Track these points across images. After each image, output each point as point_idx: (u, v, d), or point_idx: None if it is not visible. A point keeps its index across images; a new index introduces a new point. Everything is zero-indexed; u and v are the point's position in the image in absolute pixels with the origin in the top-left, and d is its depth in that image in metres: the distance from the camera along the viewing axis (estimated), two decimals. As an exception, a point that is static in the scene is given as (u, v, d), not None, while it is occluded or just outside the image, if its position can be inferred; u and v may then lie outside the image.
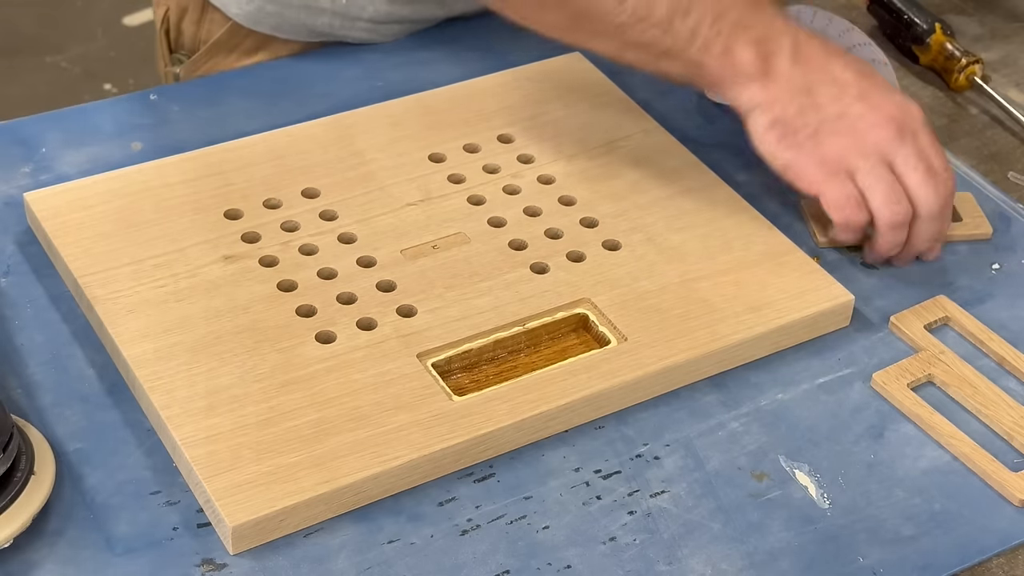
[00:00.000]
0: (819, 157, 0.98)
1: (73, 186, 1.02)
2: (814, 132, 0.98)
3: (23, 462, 0.83)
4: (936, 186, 0.98)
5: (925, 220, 0.99)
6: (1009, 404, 0.94)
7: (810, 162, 0.99)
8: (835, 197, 0.99)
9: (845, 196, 0.98)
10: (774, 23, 1.00)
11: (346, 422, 0.87)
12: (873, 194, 0.98)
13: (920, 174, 0.98)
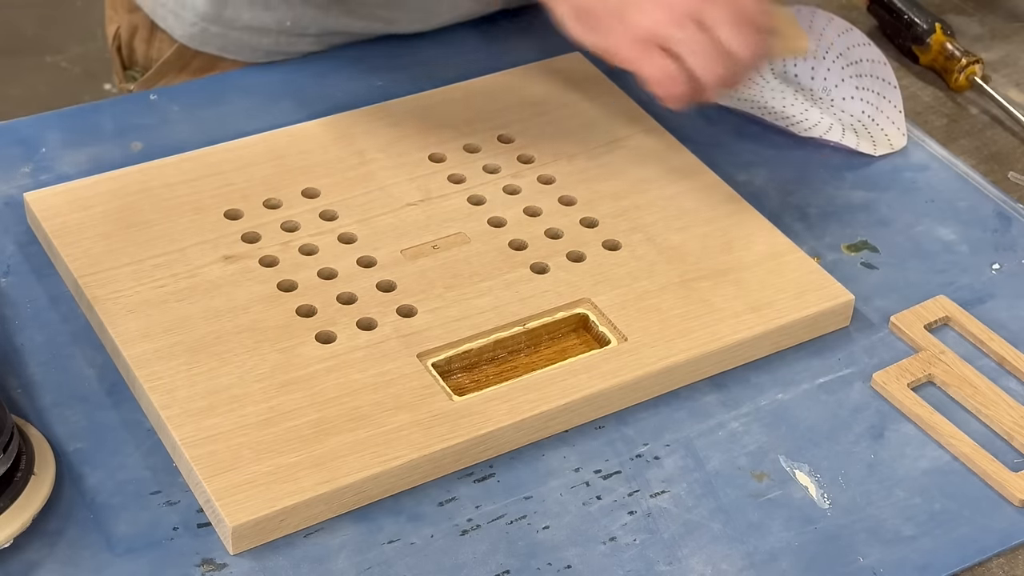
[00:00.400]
0: (629, 35, 0.96)
1: (73, 186, 1.02)
2: (617, 10, 0.96)
3: (23, 462, 0.83)
4: (748, 36, 0.96)
5: (743, 68, 0.97)
6: (1009, 404, 0.94)
7: (622, 42, 0.96)
8: (651, 73, 0.97)
9: (661, 70, 0.96)
10: None
11: (346, 422, 0.87)
12: (690, 61, 0.96)
13: (731, 26, 0.95)
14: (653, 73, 0.96)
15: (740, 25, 0.95)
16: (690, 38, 0.95)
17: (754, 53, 0.96)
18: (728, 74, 0.96)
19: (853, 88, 1.17)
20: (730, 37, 0.95)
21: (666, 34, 0.95)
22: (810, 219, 1.08)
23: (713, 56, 0.95)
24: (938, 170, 1.14)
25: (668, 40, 0.95)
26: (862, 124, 1.16)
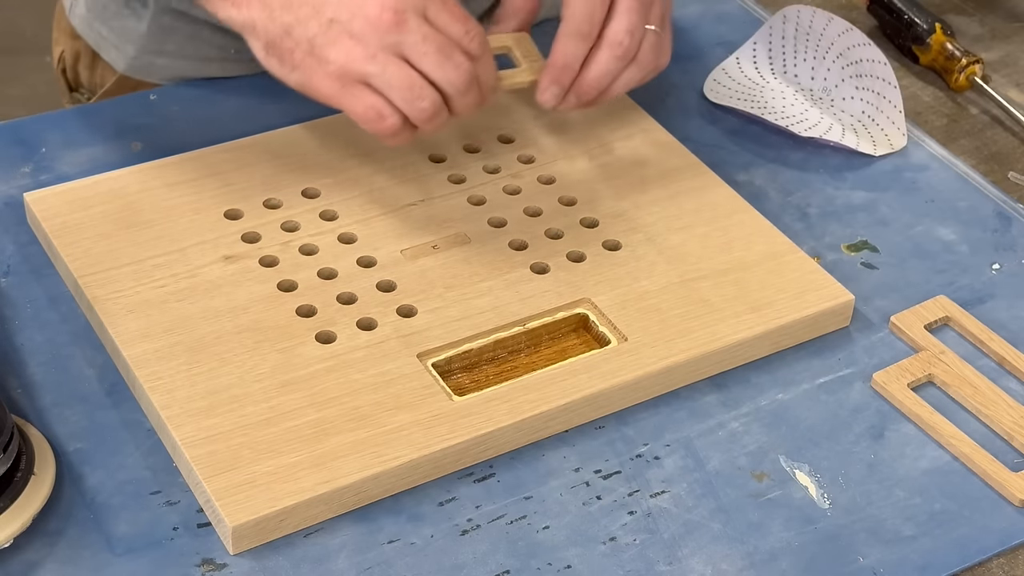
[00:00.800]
0: (325, 72, 0.90)
1: (73, 186, 1.02)
2: (309, 49, 0.90)
3: (23, 462, 0.83)
4: (455, 62, 0.91)
5: (457, 97, 0.92)
6: (1009, 404, 0.94)
7: (320, 80, 0.90)
8: (356, 112, 0.91)
9: (364, 108, 0.91)
10: None
11: (346, 422, 0.87)
12: (392, 97, 0.90)
13: (432, 57, 0.90)
14: (357, 110, 0.91)
15: (445, 56, 0.90)
16: (387, 72, 0.89)
17: (465, 82, 0.91)
18: (432, 107, 0.91)
19: (853, 88, 1.17)
20: (434, 69, 0.90)
21: (361, 70, 0.89)
22: (810, 219, 1.08)
23: (415, 90, 0.90)
24: (938, 170, 1.14)
25: (365, 77, 0.90)
26: (862, 124, 1.16)
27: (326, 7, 0.88)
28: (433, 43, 0.89)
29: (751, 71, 1.21)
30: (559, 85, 0.97)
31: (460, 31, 0.91)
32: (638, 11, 0.96)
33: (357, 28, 0.88)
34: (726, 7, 1.29)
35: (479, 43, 0.92)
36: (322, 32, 0.88)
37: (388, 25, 0.88)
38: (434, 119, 0.92)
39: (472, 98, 0.93)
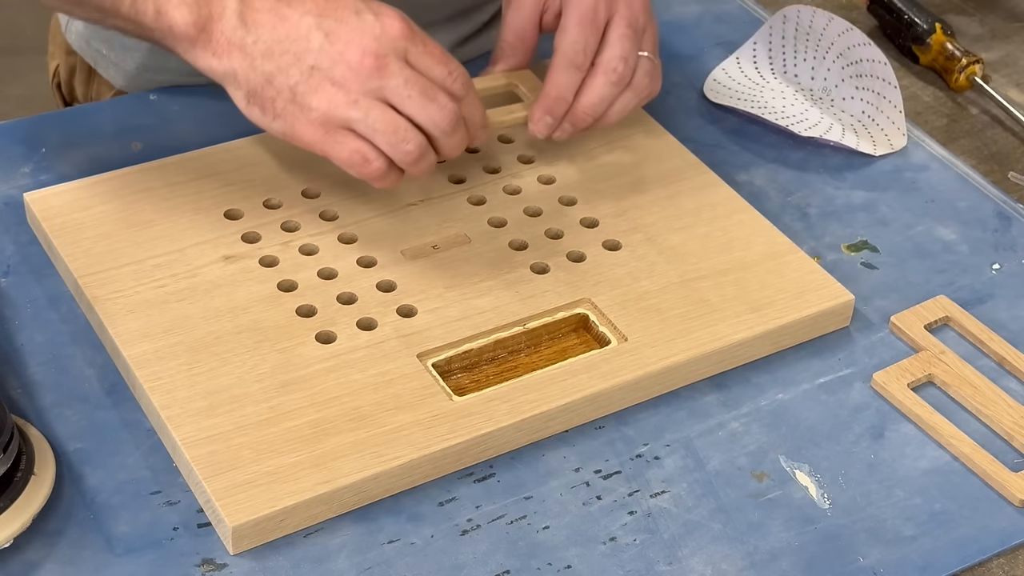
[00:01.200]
0: (308, 120, 0.89)
1: (73, 186, 1.02)
2: (291, 97, 0.89)
3: (23, 462, 0.83)
4: (439, 104, 0.90)
5: (443, 138, 0.92)
6: (1009, 404, 0.94)
7: (303, 128, 0.90)
8: (341, 158, 0.91)
9: (349, 153, 0.90)
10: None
11: (346, 422, 0.87)
12: (377, 141, 0.90)
13: (415, 100, 0.89)
14: (342, 156, 0.91)
15: (428, 98, 0.90)
16: (370, 117, 0.89)
17: (450, 123, 0.91)
18: (418, 149, 0.90)
19: (853, 88, 1.17)
20: (418, 111, 0.90)
21: (344, 116, 0.89)
22: (810, 219, 1.08)
23: (400, 133, 0.90)
24: (938, 170, 1.14)
25: (349, 122, 0.89)
26: (862, 124, 1.16)
27: (307, 55, 0.88)
28: (416, 86, 0.89)
29: (751, 71, 1.21)
30: (552, 115, 0.98)
31: (443, 72, 0.91)
32: (631, 39, 0.98)
33: (339, 74, 0.88)
34: (726, 7, 1.29)
35: (462, 83, 0.92)
36: (304, 80, 0.88)
37: (369, 70, 0.88)
38: (420, 161, 0.92)
39: (459, 138, 0.93)
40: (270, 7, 0.88)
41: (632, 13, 0.98)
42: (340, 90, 0.88)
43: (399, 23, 0.90)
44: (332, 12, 0.89)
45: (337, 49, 0.88)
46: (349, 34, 0.88)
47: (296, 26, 0.88)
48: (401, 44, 0.89)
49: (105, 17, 0.91)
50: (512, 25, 1.02)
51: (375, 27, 0.89)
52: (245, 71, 0.89)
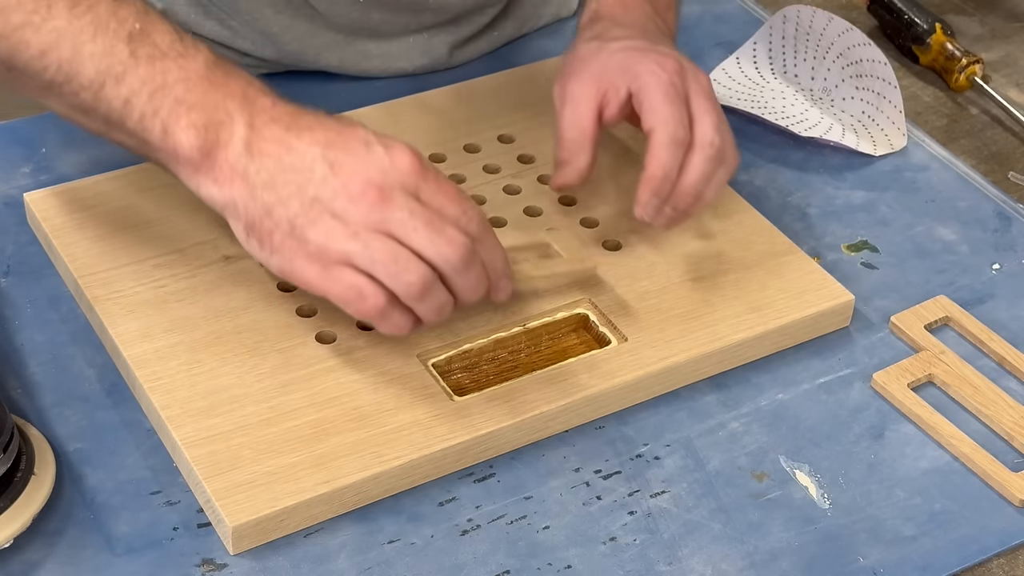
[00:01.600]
0: (306, 254, 0.83)
1: (73, 186, 1.02)
2: (289, 230, 0.83)
3: (23, 462, 0.83)
4: (447, 237, 0.83)
5: (455, 276, 0.85)
6: (1009, 404, 0.94)
7: (301, 263, 0.84)
8: (338, 294, 0.84)
9: (345, 288, 0.83)
10: (227, 104, 0.84)
11: (346, 422, 0.87)
12: (376, 272, 0.83)
13: (421, 232, 0.83)
14: (337, 292, 0.84)
15: (435, 230, 0.83)
16: (370, 248, 0.82)
17: (461, 257, 0.84)
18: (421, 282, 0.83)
19: (853, 88, 1.17)
20: (424, 244, 0.83)
21: (343, 249, 0.83)
22: (810, 219, 1.08)
23: (400, 263, 0.83)
24: (938, 170, 1.14)
25: (347, 255, 0.83)
26: (862, 124, 1.16)
27: (309, 185, 0.83)
28: (422, 217, 0.83)
29: (751, 71, 1.21)
30: (659, 196, 0.92)
31: (456, 211, 0.84)
32: (715, 111, 0.93)
33: (339, 207, 0.82)
34: (726, 7, 1.29)
35: (478, 224, 0.85)
36: (303, 211, 0.83)
37: (372, 202, 0.82)
38: (427, 296, 0.84)
39: (475, 278, 0.86)
40: (278, 137, 0.84)
41: (701, 86, 0.94)
42: (340, 223, 0.82)
43: (409, 158, 0.84)
44: (341, 143, 0.84)
45: (340, 180, 0.83)
46: (355, 165, 0.83)
47: (301, 156, 0.83)
48: (411, 179, 0.84)
49: (111, 130, 0.87)
50: (570, 121, 0.95)
51: (383, 160, 0.84)
52: (245, 201, 0.84)
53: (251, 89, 0.86)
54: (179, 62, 0.85)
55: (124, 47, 0.84)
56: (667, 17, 1.03)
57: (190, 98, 0.84)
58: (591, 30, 1.00)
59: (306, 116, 0.85)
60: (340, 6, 1.12)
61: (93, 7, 0.84)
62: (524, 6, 1.23)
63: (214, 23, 1.13)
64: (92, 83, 0.84)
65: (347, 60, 1.16)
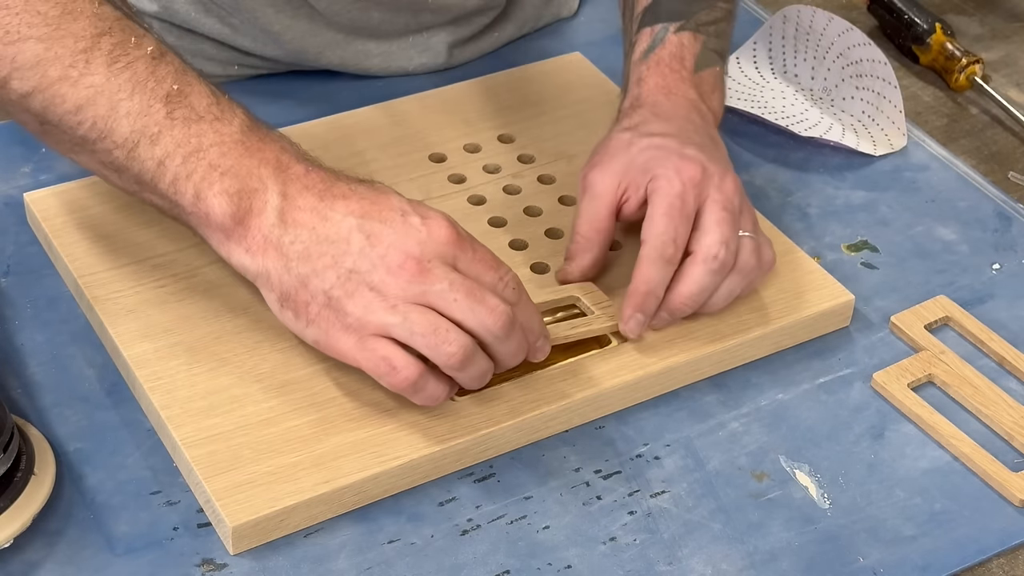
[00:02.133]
0: (343, 326, 0.83)
1: (73, 186, 1.02)
2: (326, 302, 0.83)
3: (23, 462, 0.83)
4: (489, 306, 0.83)
5: (497, 344, 0.85)
6: (1009, 404, 0.94)
7: (338, 334, 0.83)
8: (371, 366, 0.83)
9: (379, 361, 0.83)
10: (261, 171, 0.84)
11: (346, 422, 0.87)
12: (416, 344, 0.82)
13: (462, 302, 0.82)
14: (371, 364, 0.83)
15: (477, 300, 0.83)
16: (409, 320, 0.82)
17: (503, 326, 0.83)
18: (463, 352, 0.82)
19: (853, 88, 1.17)
20: (466, 314, 0.82)
21: (382, 321, 0.82)
22: (810, 219, 1.08)
23: (440, 333, 0.82)
24: (938, 170, 1.14)
25: (386, 328, 0.82)
26: (862, 124, 1.16)
27: (346, 257, 0.82)
28: (462, 288, 0.82)
29: (751, 71, 1.21)
30: (643, 313, 0.91)
31: (493, 278, 0.84)
32: (728, 222, 0.91)
33: (378, 279, 0.82)
34: (726, 7, 1.29)
35: (514, 289, 0.85)
36: (340, 283, 0.82)
37: (411, 274, 0.82)
38: (468, 366, 0.83)
39: (515, 344, 0.85)
40: (312, 206, 0.83)
41: (725, 196, 0.92)
42: (378, 296, 0.82)
43: (446, 229, 0.83)
44: (376, 214, 0.83)
45: (378, 252, 0.82)
46: (392, 237, 0.82)
47: (337, 227, 0.83)
48: (449, 250, 0.83)
49: (142, 190, 0.86)
50: (588, 215, 0.95)
51: (420, 231, 0.83)
52: (279, 272, 0.83)
53: (285, 155, 0.85)
54: (215, 125, 0.84)
55: (161, 107, 0.84)
56: (711, 101, 1.01)
57: (224, 163, 0.84)
58: (630, 119, 0.98)
59: (340, 184, 0.85)
60: (339, 5, 1.12)
61: (132, 64, 0.84)
62: (525, 7, 1.23)
63: (214, 20, 1.13)
64: (127, 142, 0.84)
65: (348, 59, 1.16)
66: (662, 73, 1.00)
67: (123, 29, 0.85)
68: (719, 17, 1.04)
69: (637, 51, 1.02)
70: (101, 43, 0.84)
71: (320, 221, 0.83)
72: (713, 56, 1.02)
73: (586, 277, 0.96)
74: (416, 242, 0.82)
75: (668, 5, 1.02)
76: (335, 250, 0.82)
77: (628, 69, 1.03)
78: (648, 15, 1.03)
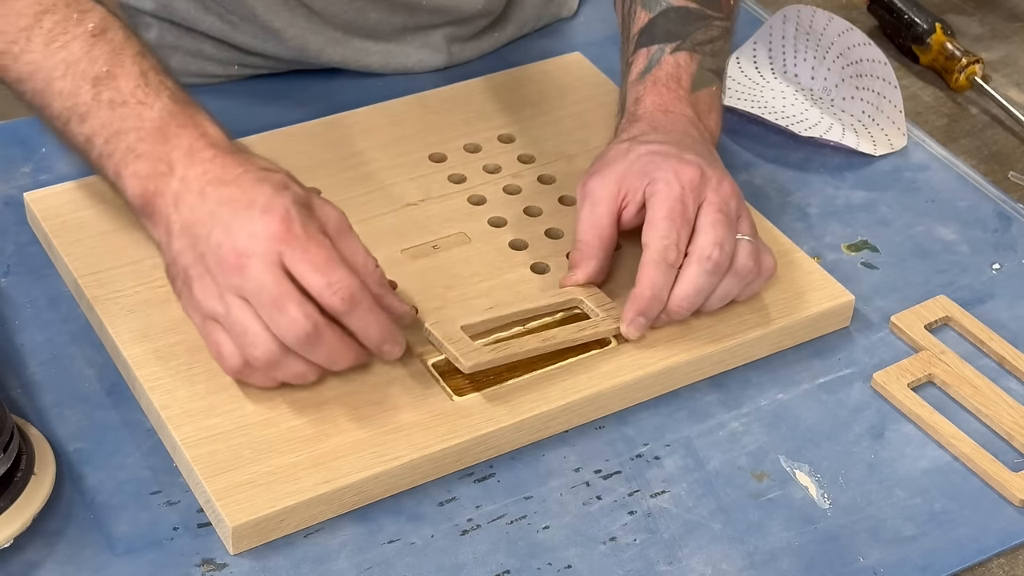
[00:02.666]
0: (192, 304, 0.87)
1: (73, 186, 1.02)
2: (184, 278, 0.87)
3: (23, 462, 0.83)
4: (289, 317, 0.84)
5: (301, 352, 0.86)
6: (1009, 404, 0.94)
7: (190, 311, 0.88)
8: (208, 346, 0.87)
9: (211, 344, 0.86)
10: (171, 156, 0.88)
11: (346, 422, 0.87)
12: (232, 338, 0.85)
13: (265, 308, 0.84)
14: (208, 344, 0.87)
15: (278, 309, 0.83)
16: (230, 314, 0.85)
17: (300, 338, 0.84)
18: (265, 356, 0.84)
19: (853, 88, 1.17)
20: (268, 320, 0.84)
21: (211, 308, 0.85)
22: (810, 219, 1.08)
23: (248, 336, 0.84)
24: (938, 170, 1.14)
25: (214, 315, 0.86)
26: (862, 124, 1.16)
27: (200, 241, 0.86)
28: (268, 294, 0.83)
29: (751, 71, 1.21)
30: (646, 316, 0.92)
31: (320, 282, 0.84)
32: (724, 224, 0.92)
33: (211, 265, 0.85)
34: (726, 7, 1.29)
35: (344, 297, 0.84)
36: (193, 265, 0.86)
37: (231, 267, 0.84)
38: (276, 369, 0.86)
39: (324, 353, 0.86)
40: (199, 190, 0.87)
41: (721, 198, 0.92)
42: (212, 282, 0.85)
43: (276, 225, 0.84)
44: (238, 202, 0.85)
45: (216, 241, 0.85)
46: (232, 227, 0.85)
47: (204, 212, 0.86)
48: (273, 246, 0.84)
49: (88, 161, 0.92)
50: (589, 222, 0.95)
51: (252, 225, 0.84)
52: (165, 246, 0.88)
53: (199, 142, 0.88)
54: (137, 110, 0.89)
55: (89, 89, 0.89)
56: (708, 120, 1.01)
57: (140, 147, 0.88)
58: (627, 131, 0.99)
59: (235, 170, 0.87)
60: (336, 5, 1.12)
61: (68, 44, 0.90)
62: (525, 7, 1.23)
63: (214, 18, 1.13)
64: (60, 116, 0.90)
65: (348, 56, 1.16)
66: (659, 92, 1.00)
67: (67, 6, 0.91)
68: (715, 36, 1.04)
69: (634, 71, 1.02)
70: (43, 21, 0.90)
71: (199, 204, 0.86)
72: (710, 76, 1.02)
73: (590, 282, 0.96)
74: (246, 235, 0.84)
75: (664, 26, 1.03)
76: (196, 233, 0.86)
77: (625, 89, 1.03)
78: (644, 36, 1.03)
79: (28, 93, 0.91)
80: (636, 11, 1.04)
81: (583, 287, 0.95)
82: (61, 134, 0.92)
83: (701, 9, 1.03)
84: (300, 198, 0.86)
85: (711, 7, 1.04)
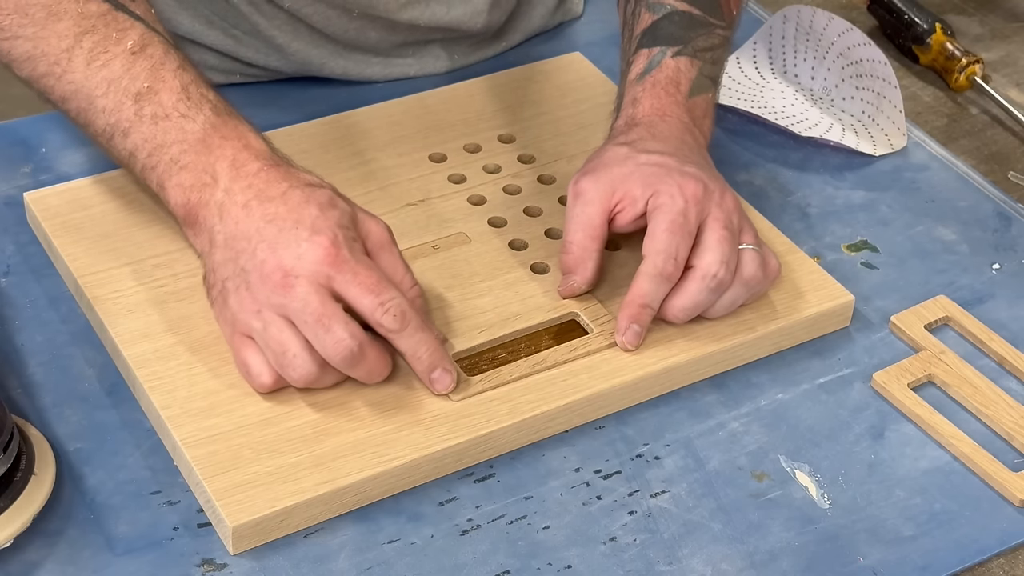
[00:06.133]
0: (223, 316, 0.89)
1: (73, 186, 1.02)
2: (221, 289, 0.88)
3: (23, 462, 0.83)
4: (334, 336, 0.85)
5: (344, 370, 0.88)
6: (1009, 404, 0.94)
7: (222, 322, 0.89)
8: (238, 361, 0.89)
9: (240, 361, 0.88)
10: (215, 168, 0.89)
11: (346, 422, 0.87)
12: (268, 356, 0.87)
13: (310, 326, 0.85)
14: (237, 360, 0.88)
15: (324, 328, 0.85)
16: (268, 332, 0.86)
17: (345, 358, 0.85)
18: (303, 377, 0.86)
19: (853, 88, 1.17)
20: (312, 339, 0.85)
21: (247, 323, 0.87)
22: (810, 219, 1.08)
23: (288, 356, 0.86)
24: (938, 170, 1.14)
25: (249, 330, 0.87)
26: (862, 124, 1.16)
27: (242, 256, 0.87)
28: (313, 312, 0.85)
29: (751, 71, 1.21)
30: (639, 324, 0.92)
31: (372, 303, 0.86)
32: (728, 241, 0.92)
33: (253, 281, 0.86)
34: (726, 7, 1.29)
35: (395, 315, 0.86)
36: (232, 278, 0.87)
37: (275, 285, 0.85)
38: (314, 385, 0.88)
39: (363, 372, 0.87)
40: (244, 203, 0.88)
41: (725, 214, 0.93)
42: (250, 297, 0.86)
43: (324, 249, 0.85)
44: (282, 221, 0.87)
45: (260, 257, 0.86)
46: (278, 245, 0.86)
47: (249, 227, 0.87)
48: (322, 269, 0.85)
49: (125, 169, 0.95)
50: (579, 221, 0.95)
51: (299, 246, 0.86)
52: (205, 255, 0.90)
53: (243, 153, 0.90)
54: (179, 123, 0.90)
55: (132, 105, 0.91)
56: (703, 126, 1.02)
57: (183, 159, 0.90)
58: (626, 135, 0.98)
59: (280, 185, 0.88)
60: (336, 26, 1.12)
61: (108, 63, 0.91)
62: (532, 20, 1.22)
63: (218, 33, 1.13)
64: (104, 133, 0.92)
65: (351, 68, 1.16)
66: (657, 95, 1.00)
67: (106, 25, 0.92)
68: (716, 44, 1.04)
69: (633, 71, 1.02)
70: (83, 42, 0.91)
71: (244, 218, 0.88)
72: (707, 82, 1.03)
73: (591, 287, 0.96)
74: (292, 256, 0.86)
75: (667, 29, 1.03)
76: (239, 246, 0.87)
77: (623, 88, 1.03)
78: (647, 37, 1.03)
79: (72, 112, 0.93)
80: (640, 12, 1.04)
81: (578, 299, 0.96)
82: (106, 150, 0.94)
83: (704, 16, 1.03)
84: (345, 216, 0.88)
85: (714, 15, 1.04)
